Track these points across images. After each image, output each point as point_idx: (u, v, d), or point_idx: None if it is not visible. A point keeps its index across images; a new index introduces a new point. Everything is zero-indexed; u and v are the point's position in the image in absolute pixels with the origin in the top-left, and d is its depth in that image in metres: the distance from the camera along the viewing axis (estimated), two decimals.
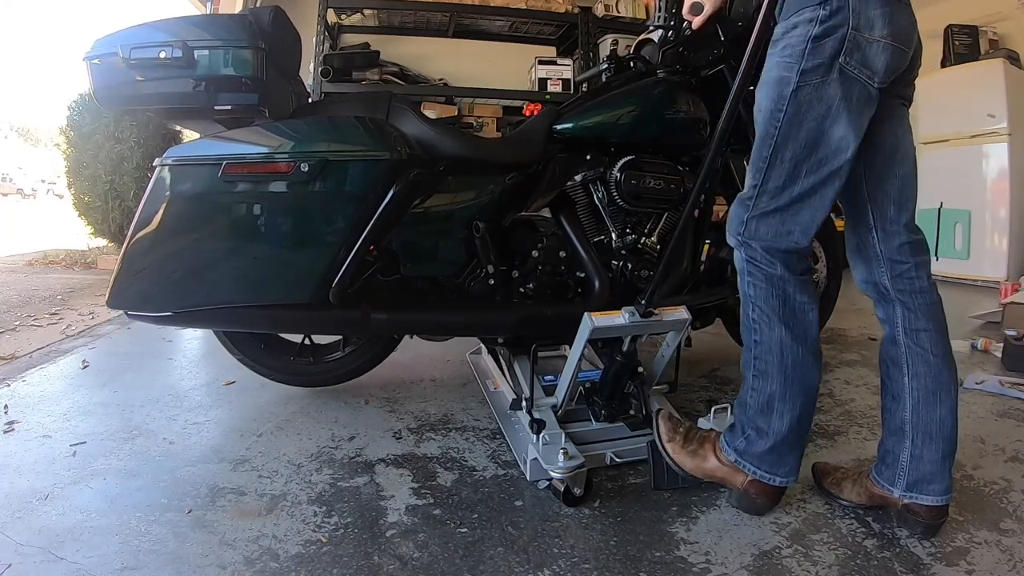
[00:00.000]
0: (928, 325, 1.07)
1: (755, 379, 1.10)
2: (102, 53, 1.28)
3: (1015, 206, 3.49)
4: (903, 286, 1.08)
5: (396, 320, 1.44)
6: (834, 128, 0.98)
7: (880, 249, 1.09)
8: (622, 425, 1.40)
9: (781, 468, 1.09)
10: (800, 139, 0.99)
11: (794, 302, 1.06)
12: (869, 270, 1.11)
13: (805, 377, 1.07)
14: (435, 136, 1.41)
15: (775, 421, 1.07)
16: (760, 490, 1.11)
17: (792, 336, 1.06)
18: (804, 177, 1.00)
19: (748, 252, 1.08)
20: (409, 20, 4.21)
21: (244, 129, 1.31)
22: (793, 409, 1.07)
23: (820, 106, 0.97)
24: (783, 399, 1.07)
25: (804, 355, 1.06)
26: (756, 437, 1.09)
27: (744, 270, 1.09)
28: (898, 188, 1.08)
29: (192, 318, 1.35)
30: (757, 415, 1.09)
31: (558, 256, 1.55)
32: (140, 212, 1.29)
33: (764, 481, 1.10)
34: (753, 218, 1.06)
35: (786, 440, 1.08)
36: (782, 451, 1.08)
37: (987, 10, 3.91)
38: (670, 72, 1.56)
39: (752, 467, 1.10)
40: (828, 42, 0.94)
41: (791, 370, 1.06)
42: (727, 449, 1.13)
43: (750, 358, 1.10)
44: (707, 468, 1.16)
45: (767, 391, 1.08)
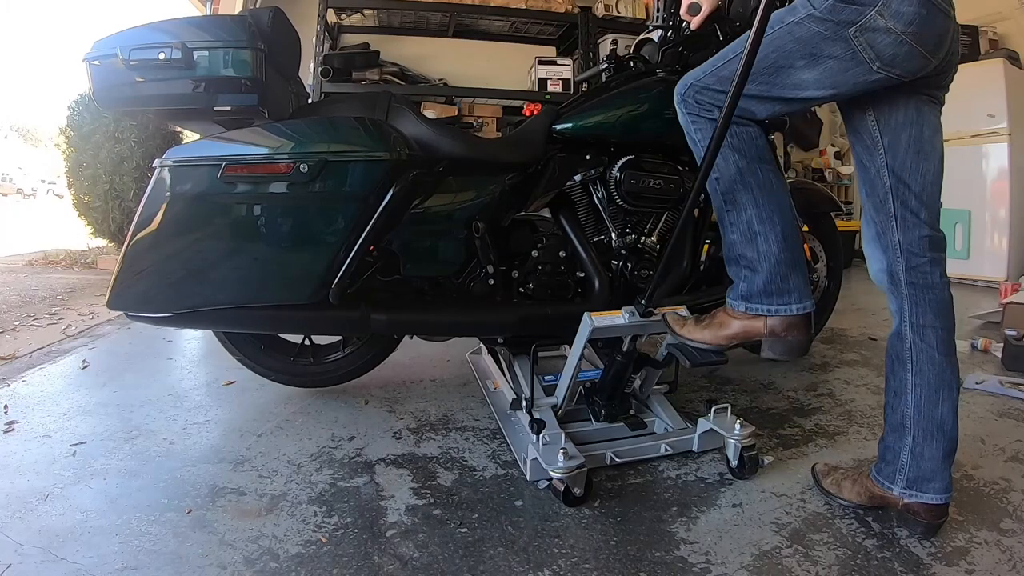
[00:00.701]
0: (936, 322, 1.06)
1: (728, 213, 1.10)
2: (102, 54, 1.28)
3: (1015, 206, 3.49)
4: (916, 279, 1.08)
5: (396, 320, 1.44)
6: (804, 71, 0.99)
7: (899, 239, 1.09)
8: (622, 425, 1.40)
9: (791, 295, 1.08)
10: (770, 55, 1.00)
11: (740, 130, 1.07)
12: (885, 258, 1.11)
13: (773, 193, 1.08)
14: (434, 136, 1.41)
15: (761, 244, 1.08)
16: (784, 325, 1.09)
17: (746, 159, 1.08)
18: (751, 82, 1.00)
19: (688, 107, 1.11)
20: (409, 20, 4.21)
21: (244, 130, 1.31)
22: (774, 227, 1.07)
23: (806, 47, 0.98)
24: (761, 220, 1.08)
25: (764, 172, 1.08)
26: (751, 273, 1.09)
27: (687, 122, 1.12)
28: (921, 184, 1.08)
29: (192, 319, 1.35)
30: (744, 248, 1.09)
31: (558, 256, 1.55)
32: (140, 213, 1.29)
33: (782, 314, 1.09)
34: (697, 83, 1.10)
35: (780, 262, 1.08)
36: (783, 275, 1.08)
37: (987, 10, 3.92)
38: (669, 72, 1.56)
39: (763, 306, 1.09)
40: (848, 9, 0.94)
41: (757, 189, 1.08)
42: (735, 303, 1.13)
43: (716, 194, 1.11)
44: (727, 333, 1.15)
45: (743, 219, 1.09)
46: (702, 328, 1.17)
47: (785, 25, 1.00)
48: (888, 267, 1.11)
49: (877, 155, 1.08)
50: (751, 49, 0.95)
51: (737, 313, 1.13)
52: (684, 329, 1.19)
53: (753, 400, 1.74)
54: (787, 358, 1.12)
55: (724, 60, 1.08)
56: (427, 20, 4.19)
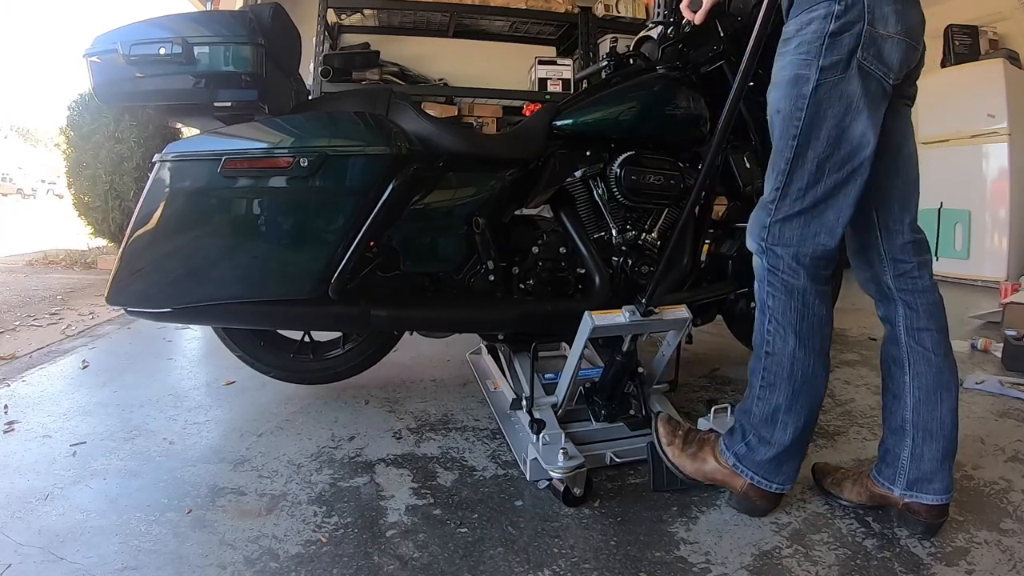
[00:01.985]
0: (930, 325, 1.07)
1: (762, 389, 1.08)
2: (102, 50, 1.28)
3: (1015, 206, 3.49)
4: (906, 285, 1.08)
5: (396, 316, 1.43)
6: (855, 124, 0.97)
7: (884, 249, 1.09)
8: (622, 425, 1.40)
9: (779, 476, 1.09)
10: (822, 138, 0.98)
11: (813, 315, 1.04)
12: (872, 270, 1.11)
13: (813, 390, 1.06)
14: (435, 132, 1.41)
15: (779, 432, 1.06)
16: (759, 494, 1.11)
17: (805, 350, 1.04)
18: (827, 176, 0.99)
19: (770, 260, 1.05)
20: (409, 20, 4.21)
21: (244, 125, 1.31)
22: (798, 421, 1.06)
23: (841, 103, 0.96)
24: (789, 411, 1.06)
25: (816, 368, 1.05)
26: (758, 444, 1.09)
27: (764, 279, 1.07)
28: (901, 188, 1.08)
29: (192, 314, 1.35)
30: (761, 424, 1.08)
31: (558, 252, 1.55)
32: (139, 208, 1.28)
33: (761, 487, 1.10)
34: (776, 222, 1.03)
35: (788, 450, 1.07)
36: (782, 459, 1.08)
37: (987, 10, 3.92)
38: (670, 68, 1.56)
39: (751, 473, 1.10)
40: (845, 38, 0.94)
41: (800, 383, 1.05)
42: (726, 453, 1.13)
43: (759, 367, 1.09)
44: (706, 471, 1.15)
45: (773, 403, 1.07)
46: (687, 457, 1.17)
47: (808, 100, 0.97)
48: (875, 277, 1.11)
49: None
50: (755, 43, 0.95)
51: (724, 462, 1.13)
52: (670, 448, 1.19)
53: None
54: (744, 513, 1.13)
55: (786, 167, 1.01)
56: (427, 20, 4.19)
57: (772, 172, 1.04)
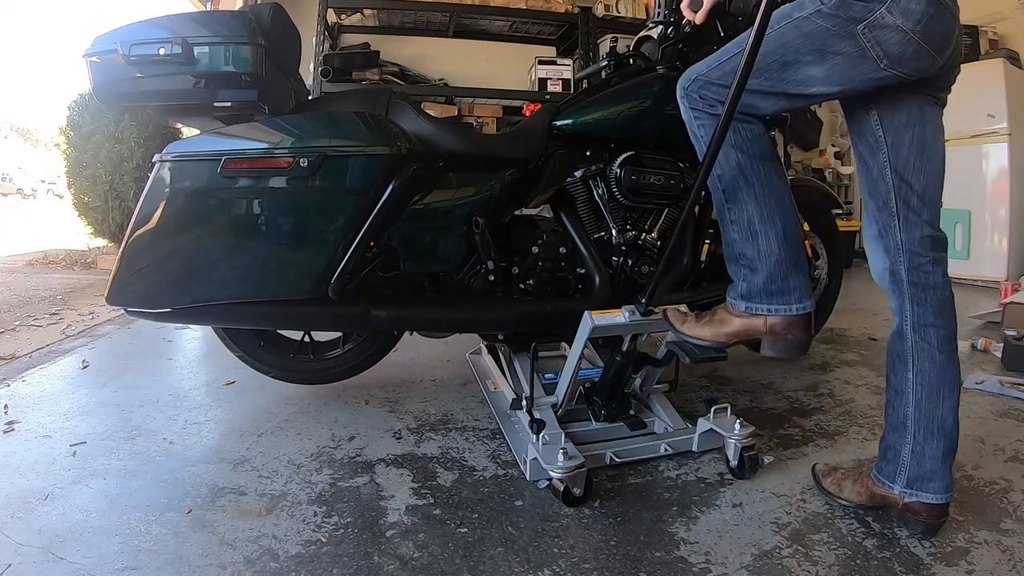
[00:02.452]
0: (937, 321, 1.06)
1: (729, 211, 1.10)
2: (102, 50, 1.28)
3: (1015, 206, 3.49)
4: (917, 279, 1.08)
5: (396, 316, 1.44)
6: (811, 67, 0.99)
7: (901, 238, 1.09)
8: (622, 425, 1.40)
9: (791, 294, 1.08)
10: (776, 50, 0.99)
11: (743, 127, 1.07)
12: (888, 258, 1.11)
13: (775, 191, 1.08)
14: (435, 132, 1.41)
15: (762, 242, 1.07)
16: (784, 324, 1.09)
17: (748, 156, 1.07)
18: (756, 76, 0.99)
19: (690, 101, 1.10)
20: (409, 20, 4.21)
21: (243, 125, 1.31)
22: (775, 224, 1.07)
23: (814, 43, 0.98)
24: (762, 219, 1.07)
25: (766, 169, 1.08)
26: (750, 272, 1.09)
27: (690, 116, 1.12)
28: (923, 184, 1.08)
29: (191, 314, 1.35)
30: (744, 246, 1.09)
31: (558, 252, 1.55)
32: (139, 208, 1.28)
33: (782, 314, 1.09)
34: (701, 77, 1.09)
35: (780, 261, 1.07)
36: (783, 275, 1.08)
37: (987, 10, 3.91)
38: (670, 68, 1.56)
39: (763, 305, 1.09)
40: (857, 6, 0.94)
41: (759, 187, 1.07)
42: (735, 302, 1.13)
43: (718, 191, 1.11)
44: (727, 331, 1.15)
45: (743, 217, 1.08)
46: (702, 325, 1.17)
47: (792, 20, 0.99)
48: (890, 266, 1.11)
49: (880, 154, 1.08)
50: (754, 43, 0.95)
51: (737, 312, 1.13)
52: (684, 326, 1.19)
53: (753, 400, 1.74)
54: (787, 356, 1.12)
55: (729, 55, 1.08)
56: (427, 20, 4.19)
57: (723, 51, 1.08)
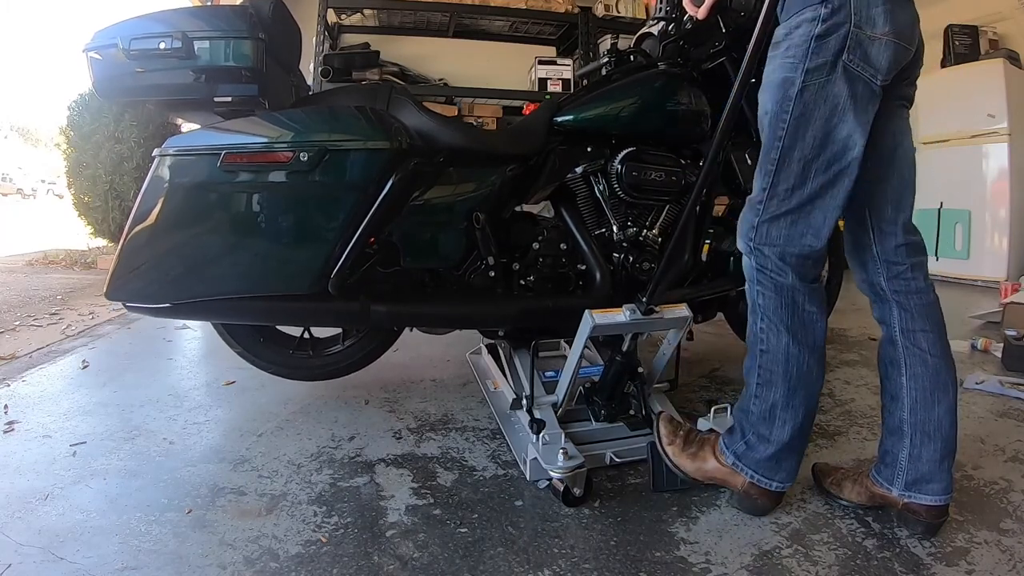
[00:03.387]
0: (925, 326, 1.07)
1: (759, 387, 1.09)
2: (102, 45, 1.28)
3: (1015, 206, 3.49)
4: (899, 287, 1.08)
5: (396, 312, 1.43)
6: (841, 126, 0.98)
7: (876, 250, 1.09)
8: (622, 425, 1.39)
9: (779, 473, 1.09)
10: (807, 139, 0.99)
11: (803, 312, 1.05)
12: (866, 271, 1.12)
13: (809, 387, 1.07)
14: (435, 127, 1.40)
15: (777, 429, 1.07)
16: (760, 493, 1.11)
17: (799, 346, 1.05)
18: (813, 178, 1.00)
19: (759, 259, 1.06)
20: (409, 20, 4.21)
21: (243, 119, 1.31)
22: (796, 417, 1.06)
23: (826, 105, 0.97)
24: (786, 408, 1.06)
25: (810, 364, 1.06)
26: (757, 443, 1.09)
27: (754, 278, 1.08)
28: (895, 189, 1.08)
29: (191, 310, 1.35)
30: (759, 422, 1.09)
31: (559, 248, 1.54)
32: (139, 202, 1.28)
33: (761, 486, 1.10)
34: (764, 222, 1.04)
35: (787, 447, 1.08)
36: (781, 457, 1.08)
37: (987, 10, 3.92)
38: (671, 65, 1.56)
39: (750, 471, 1.10)
40: (831, 40, 0.94)
41: (796, 380, 1.06)
42: (726, 452, 1.13)
43: (754, 366, 1.10)
44: (707, 470, 1.16)
45: (770, 400, 1.07)
46: (686, 457, 1.18)
47: (794, 101, 0.98)
48: (870, 278, 1.11)
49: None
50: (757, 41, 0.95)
51: (723, 461, 1.14)
52: (670, 448, 1.19)
53: None
54: (746, 512, 1.14)
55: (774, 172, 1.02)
56: (427, 20, 4.19)
57: (760, 172, 1.05)
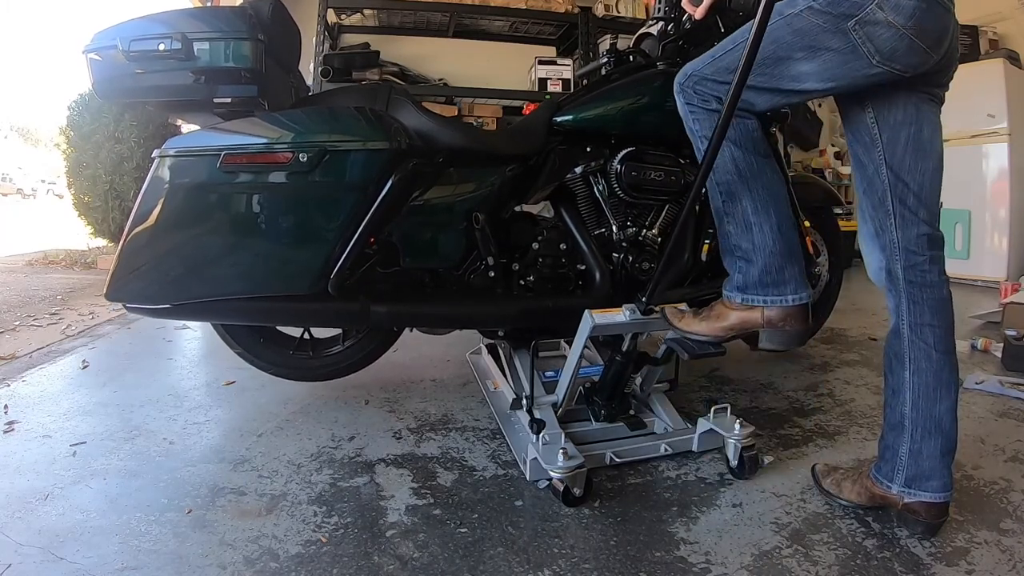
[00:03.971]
0: (934, 320, 1.06)
1: (724, 204, 1.12)
2: (101, 46, 1.28)
3: (1015, 206, 3.49)
4: (914, 277, 1.07)
5: (395, 313, 1.43)
6: (803, 63, 1.00)
7: (897, 236, 1.08)
8: (622, 425, 1.40)
9: (787, 285, 1.09)
10: (768, 47, 0.99)
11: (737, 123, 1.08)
12: (884, 256, 1.11)
13: (769, 184, 1.09)
14: (434, 127, 1.41)
15: (756, 235, 1.09)
16: (781, 316, 1.10)
17: (742, 150, 1.09)
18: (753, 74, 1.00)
19: (686, 96, 1.13)
20: (409, 20, 4.21)
21: (243, 120, 1.31)
22: (769, 218, 1.08)
23: (805, 39, 0.99)
24: (756, 211, 1.09)
25: (760, 163, 1.09)
26: (746, 264, 1.10)
27: (686, 112, 1.14)
28: (919, 183, 1.08)
29: (190, 310, 1.35)
30: (739, 239, 1.10)
31: (558, 248, 1.54)
32: (139, 203, 1.28)
33: (779, 304, 1.09)
34: (696, 73, 1.11)
35: (775, 252, 1.08)
36: (778, 266, 1.09)
37: (987, 10, 3.92)
38: (670, 64, 1.56)
39: (760, 296, 1.10)
40: (847, 2, 0.94)
41: (752, 180, 1.09)
42: (732, 294, 1.14)
43: (714, 191, 1.12)
44: (724, 325, 1.15)
45: (738, 210, 1.10)
46: (700, 320, 1.18)
47: (784, 17, 1.00)
48: (886, 265, 1.10)
49: (875, 152, 1.08)
50: (755, 39, 0.95)
51: (734, 304, 1.13)
52: (682, 322, 1.20)
53: (753, 400, 1.74)
54: (785, 347, 1.13)
55: (724, 51, 1.09)
56: (427, 20, 4.19)
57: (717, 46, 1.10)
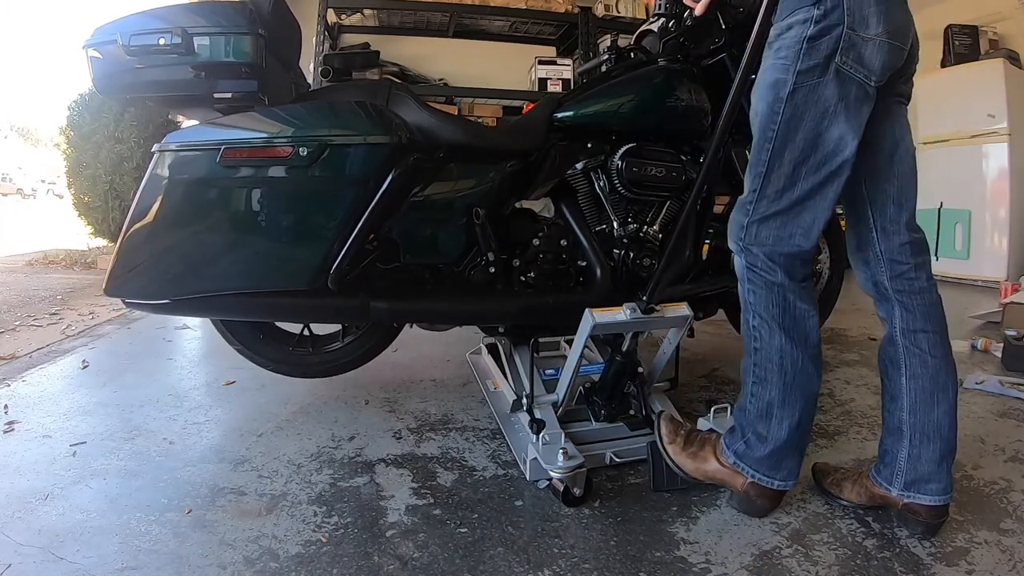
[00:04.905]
0: (927, 326, 1.07)
1: (754, 385, 1.09)
2: (101, 41, 1.28)
3: (1015, 206, 3.49)
4: (902, 286, 1.08)
5: (395, 309, 1.43)
6: (832, 129, 0.98)
7: (880, 249, 1.09)
8: (622, 425, 1.39)
9: (780, 472, 1.09)
10: (797, 142, 0.99)
11: (794, 309, 1.05)
12: (869, 269, 1.11)
13: (805, 384, 1.07)
14: (435, 123, 1.40)
15: (774, 427, 1.07)
16: (759, 492, 1.11)
17: (792, 343, 1.05)
18: (803, 179, 1.00)
19: (749, 258, 1.07)
20: (409, 20, 4.21)
21: (243, 114, 1.31)
22: (792, 416, 1.07)
23: (817, 107, 0.97)
24: (783, 405, 1.07)
25: (804, 361, 1.06)
26: (756, 442, 1.09)
27: (744, 277, 1.09)
28: (897, 187, 1.08)
29: (190, 306, 1.34)
30: (757, 420, 1.09)
31: (559, 245, 1.54)
32: (138, 198, 1.28)
33: (763, 484, 1.10)
34: (754, 223, 1.05)
35: (785, 445, 1.08)
36: (781, 455, 1.08)
37: (987, 10, 3.92)
38: (671, 61, 1.56)
39: (751, 470, 1.10)
40: (823, 42, 0.94)
41: (791, 377, 1.06)
42: (727, 452, 1.13)
43: (750, 364, 1.10)
44: (708, 470, 1.16)
45: (766, 397, 1.08)
46: (687, 456, 1.18)
47: (784, 102, 0.98)
48: (872, 277, 1.11)
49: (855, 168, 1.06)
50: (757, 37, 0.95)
51: (724, 460, 1.13)
52: (671, 447, 1.19)
53: None
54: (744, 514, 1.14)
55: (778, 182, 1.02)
56: (427, 20, 4.19)
57: (750, 173, 1.06)
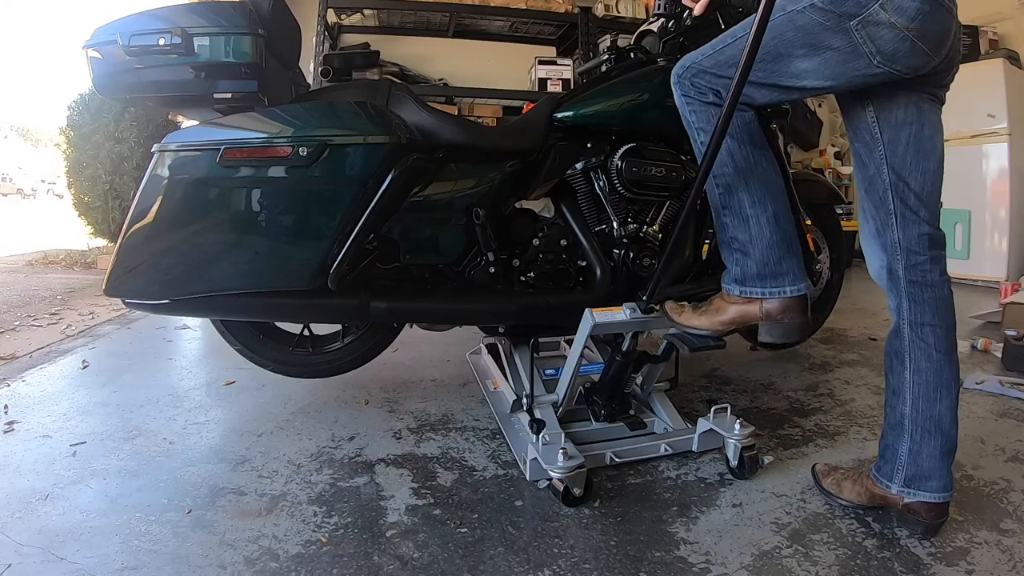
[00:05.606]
0: (934, 320, 1.06)
1: (722, 196, 1.12)
2: (101, 41, 1.28)
3: (1015, 206, 3.49)
4: (915, 277, 1.07)
5: (395, 308, 1.43)
6: (803, 60, 1.00)
7: (898, 236, 1.08)
8: (622, 425, 1.40)
9: (785, 277, 1.09)
10: (770, 43, 0.99)
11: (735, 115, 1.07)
12: (885, 256, 1.10)
13: (765, 177, 1.10)
14: (435, 123, 1.40)
15: (753, 227, 1.09)
16: (780, 308, 1.10)
17: (738, 142, 1.09)
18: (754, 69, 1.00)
19: (683, 89, 1.13)
20: (409, 20, 4.21)
21: (243, 114, 1.31)
22: (765, 209, 1.09)
23: (807, 36, 0.98)
24: (752, 203, 1.09)
25: (756, 155, 1.09)
26: (743, 256, 1.10)
27: (683, 104, 1.14)
28: (920, 183, 1.08)
29: (189, 306, 1.34)
30: (736, 231, 1.10)
31: (559, 244, 1.54)
32: (138, 198, 1.28)
33: (777, 296, 1.09)
34: (695, 65, 1.11)
35: (772, 244, 1.08)
36: (776, 258, 1.09)
37: (987, 10, 3.92)
38: (671, 61, 1.56)
39: (758, 289, 1.10)
40: (851, 2, 0.94)
41: (748, 172, 1.09)
42: (730, 287, 1.14)
43: (711, 183, 1.12)
44: (723, 318, 1.15)
45: (734, 202, 1.10)
46: (699, 315, 1.18)
47: (787, 13, 0.99)
48: (887, 264, 1.10)
49: (876, 152, 1.08)
50: (756, 34, 0.94)
51: (733, 298, 1.13)
52: (682, 316, 1.20)
53: (753, 400, 1.74)
54: (784, 340, 1.13)
55: (723, 44, 1.09)
56: (427, 20, 4.19)
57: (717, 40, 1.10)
